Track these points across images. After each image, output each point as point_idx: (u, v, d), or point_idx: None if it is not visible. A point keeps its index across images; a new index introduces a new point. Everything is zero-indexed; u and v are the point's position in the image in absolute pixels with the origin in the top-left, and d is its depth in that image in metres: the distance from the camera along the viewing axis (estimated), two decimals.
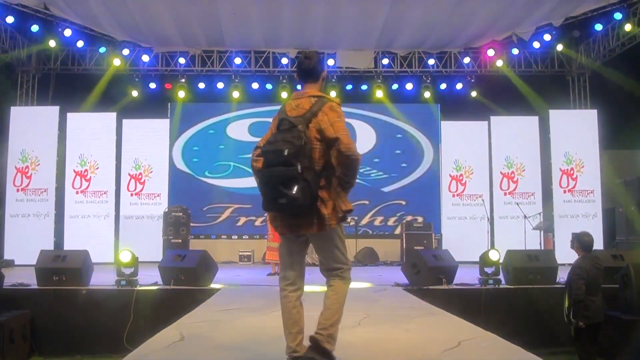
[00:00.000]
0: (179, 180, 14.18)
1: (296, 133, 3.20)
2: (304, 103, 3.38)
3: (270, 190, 3.18)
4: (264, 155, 3.25)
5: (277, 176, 3.13)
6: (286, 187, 3.09)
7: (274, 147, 3.21)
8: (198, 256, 8.14)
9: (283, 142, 3.18)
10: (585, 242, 6.42)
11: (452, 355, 3.98)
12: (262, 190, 3.23)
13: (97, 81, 13.79)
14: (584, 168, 13.29)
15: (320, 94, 3.44)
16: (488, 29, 13.01)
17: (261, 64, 14.33)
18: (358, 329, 4.94)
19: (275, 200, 3.17)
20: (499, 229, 13.14)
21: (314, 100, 3.37)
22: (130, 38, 13.50)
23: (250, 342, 4.47)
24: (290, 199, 3.10)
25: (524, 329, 6.94)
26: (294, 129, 3.24)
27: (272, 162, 3.18)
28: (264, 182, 3.22)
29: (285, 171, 3.11)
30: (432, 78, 14.29)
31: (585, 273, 6.25)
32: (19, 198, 12.95)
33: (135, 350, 4.14)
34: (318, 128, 3.27)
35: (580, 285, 6.26)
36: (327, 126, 3.25)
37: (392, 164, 14.47)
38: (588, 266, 6.29)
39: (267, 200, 3.22)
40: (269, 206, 3.25)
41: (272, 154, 3.21)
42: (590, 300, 6.23)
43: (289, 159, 3.11)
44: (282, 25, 12.84)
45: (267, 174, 3.20)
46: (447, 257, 8.51)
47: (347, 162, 3.25)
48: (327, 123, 3.26)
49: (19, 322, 7.17)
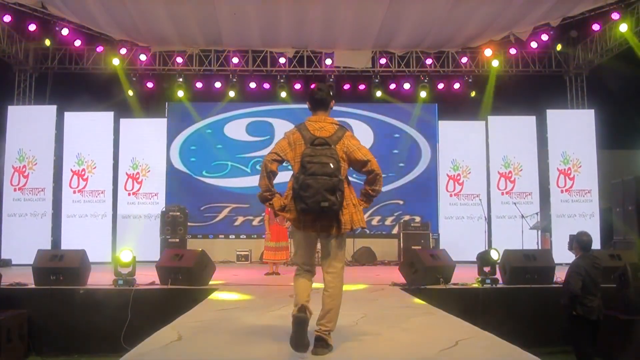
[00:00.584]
0: (177, 180, 14.18)
1: (335, 152, 3.85)
2: (328, 127, 4.00)
3: (314, 194, 3.71)
4: (308, 165, 3.77)
5: (323, 184, 3.71)
6: (331, 193, 3.71)
7: (319, 160, 3.77)
8: (195, 256, 8.11)
9: (327, 157, 3.78)
10: (584, 241, 6.45)
11: (449, 355, 3.97)
12: (305, 194, 3.73)
13: (95, 80, 13.79)
14: (581, 168, 13.33)
15: (338, 122, 4.07)
16: (485, 29, 13.02)
17: (259, 64, 14.31)
18: (355, 329, 4.93)
19: (319, 203, 3.72)
20: (496, 229, 13.15)
21: (336, 127, 4.01)
22: (127, 37, 13.46)
23: (247, 341, 4.46)
24: (332, 203, 3.73)
25: (522, 328, 6.88)
26: (330, 147, 3.86)
27: (317, 172, 3.74)
28: (307, 185, 3.73)
29: (329, 180, 3.72)
30: (429, 78, 14.28)
31: (583, 271, 6.28)
32: (16, 197, 12.92)
33: (133, 349, 4.12)
34: (345, 151, 3.94)
35: (577, 281, 6.29)
36: (355, 150, 3.95)
37: (389, 164, 14.44)
38: (587, 265, 6.32)
39: (310, 202, 3.73)
40: (313, 207, 3.74)
41: (318, 165, 3.76)
42: (589, 299, 6.25)
43: (333, 171, 3.74)
44: (280, 25, 12.83)
45: (312, 181, 3.73)
46: (445, 256, 8.49)
47: (377, 179, 4.02)
48: (354, 147, 3.96)
49: (16, 322, 7.13)
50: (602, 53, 13.40)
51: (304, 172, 3.78)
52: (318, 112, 4.11)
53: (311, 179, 3.73)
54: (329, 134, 3.95)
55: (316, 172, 3.74)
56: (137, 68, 14.05)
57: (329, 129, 3.98)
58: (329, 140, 3.90)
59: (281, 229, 10.45)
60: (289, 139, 4.06)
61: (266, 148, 14.25)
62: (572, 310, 6.35)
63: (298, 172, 3.84)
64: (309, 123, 4.05)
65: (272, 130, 14.50)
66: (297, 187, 3.78)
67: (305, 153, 3.85)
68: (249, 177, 14.31)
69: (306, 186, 3.73)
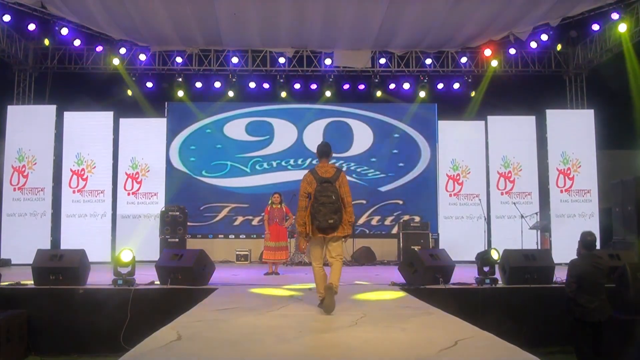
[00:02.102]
0: (176, 180, 14.16)
1: (335, 188, 5.86)
2: (330, 170, 6.01)
3: (324, 215, 5.77)
4: (320, 198, 5.80)
5: (330, 209, 5.78)
6: (334, 214, 5.79)
7: (326, 194, 5.81)
8: (195, 255, 8.08)
9: (330, 192, 5.83)
10: (588, 241, 6.41)
11: (449, 355, 3.97)
12: (318, 215, 5.80)
13: (94, 80, 13.78)
14: (581, 168, 13.32)
15: (336, 166, 6.23)
16: (485, 28, 13.05)
17: (258, 63, 14.31)
18: (355, 329, 4.94)
19: (327, 221, 5.77)
20: (496, 229, 13.18)
21: (335, 170, 6.04)
22: (127, 37, 13.49)
23: (247, 341, 4.46)
24: (336, 220, 5.81)
25: (521, 328, 6.90)
26: (332, 184, 5.87)
27: (325, 202, 5.78)
28: (319, 210, 5.79)
29: (332, 206, 5.79)
30: (429, 78, 14.30)
31: (578, 271, 6.26)
32: (16, 197, 12.91)
33: (132, 349, 4.11)
34: (339, 184, 5.92)
35: (570, 283, 6.29)
36: (344, 186, 5.96)
37: (389, 164, 14.49)
38: (585, 265, 6.28)
39: (322, 220, 5.78)
40: (323, 224, 5.79)
41: (325, 197, 5.80)
42: (587, 300, 6.21)
43: (335, 200, 5.80)
44: (280, 25, 12.85)
45: (322, 207, 5.79)
46: (444, 256, 8.47)
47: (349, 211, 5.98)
48: (344, 184, 5.97)
49: (16, 322, 7.10)
50: (602, 53, 13.40)
51: (317, 202, 5.81)
52: (323, 159, 6.12)
53: (322, 207, 5.78)
54: (330, 175, 5.94)
55: (325, 202, 5.78)
56: (136, 68, 14.05)
57: (331, 172, 5.99)
58: (331, 179, 5.89)
59: (281, 229, 10.43)
60: (306, 180, 6.00)
61: (265, 148, 14.32)
62: (568, 312, 6.34)
63: (314, 202, 5.83)
64: (318, 168, 6.04)
65: (272, 130, 14.50)
66: (313, 212, 5.82)
67: (317, 190, 5.85)
68: (249, 177, 14.32)
69: (318, 211, 5.79)
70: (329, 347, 4.35)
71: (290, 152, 14.44)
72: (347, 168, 14.38)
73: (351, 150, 14.52)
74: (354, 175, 14.43)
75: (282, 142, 14.48)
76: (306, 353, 4.13)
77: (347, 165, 14.41)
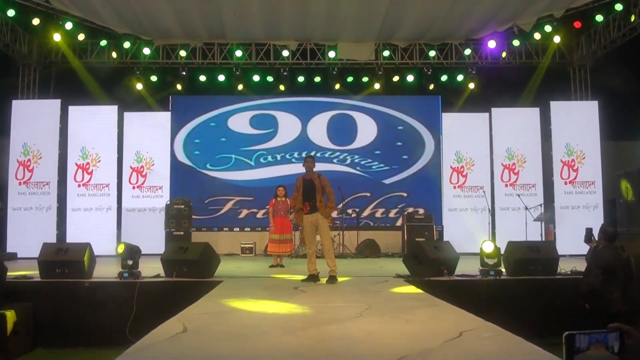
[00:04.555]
0: (181, 173, 14.21)
1: (317, 183, 7.88)
2: (314, 176, 7.99)
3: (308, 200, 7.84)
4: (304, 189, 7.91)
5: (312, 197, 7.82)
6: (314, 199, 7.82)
7: (310, 188, 7.87)
8: (200, 248, 8.14)
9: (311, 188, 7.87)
10: (609, 232, 6.44)
11: (453, 346, 3.96)
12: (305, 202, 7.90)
13: (99, 74, 13.80)
14: (585, 159, 13.28)
15: (317, 173, 8.12)
16: (489, 20, 12.96)
17: (262, 57, 14.28)
18: (359, 320, 4.94)
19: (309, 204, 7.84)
20: (500, 221, 13.16)
21: (317, 175, 8.02)
22: (130, 31, 13.46)
23: (252, 333, 4.48)
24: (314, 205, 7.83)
25: (525, 319, 6.79)
26: (314, 181, 7.89)
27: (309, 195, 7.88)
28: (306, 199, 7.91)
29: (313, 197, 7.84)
30: (433, 70, 14.22)
31: (603, 262, 6.26)
32: (21, 191, 12.96)
33: (138, 342, 4.10)
34: (322, 184, 7.91)
35: (597, 275, 6.27)
36: (326, 184, 7.97)
37: (393, 156, 14.49)
38: (609, 256, 6.29)
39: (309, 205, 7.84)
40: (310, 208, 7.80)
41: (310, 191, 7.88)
42: (609, 292, 6.22)
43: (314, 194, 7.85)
44: (283, 17, 12.80)
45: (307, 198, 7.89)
46: (449, 248, 8.48)
47: (333, 198, 8.08)
48: (326, 183, 7.98)
49: (22, 315, 7.08)
50: (606, 44, 13.31)
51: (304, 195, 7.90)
52: (308, 168, 8.06)
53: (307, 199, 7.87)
54: (313, 178, 7.94)
55: (310, 194, 7.83)
56: (140, 62, 14.05)
57: (314, 176, 7.97)
58: (314, 181, 7.91)
59: (285, 221, 10.45)
60: (298, 182, 8.03)
61: (270, 141, 14.33)
62: (585, 303, 6.31)
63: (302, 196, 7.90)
64: (305, 175, 8.04)
65: (276, 123, 14.50)
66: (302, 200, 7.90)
67: (304, 187, 7.93)
68: (253, 170, 14.34)
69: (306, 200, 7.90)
70: (334, 339, 4.33)
71: (295, 145, 14.45)
72: (351, 161, 14.40)
73: (355, 143, 14.53)
74: (358, 168, 14.44)
75: (286, 135, 14.48)
76: (311, 345, 4.12)
77: (351, 158, 14.42)
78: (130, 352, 3.80)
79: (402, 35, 13.77)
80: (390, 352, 3.76)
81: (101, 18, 12.90)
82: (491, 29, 13.38)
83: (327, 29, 13.35)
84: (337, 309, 5.58)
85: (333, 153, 14.46)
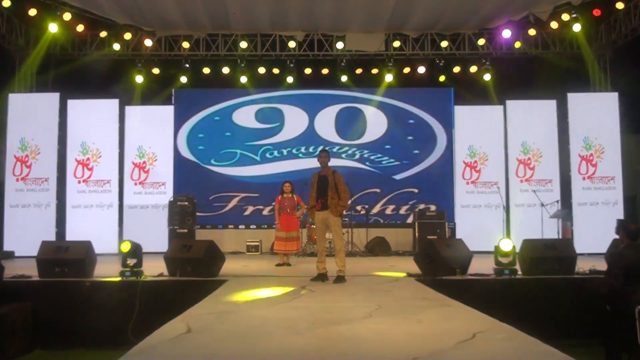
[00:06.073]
0: (184, 169, 13.94)
1: (331, 179, 7.74)
2: (329, 172, 7.83)
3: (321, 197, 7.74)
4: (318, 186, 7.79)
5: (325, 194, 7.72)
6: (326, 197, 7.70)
7: (323, 184, 7.74)
8: (205, 246, 8.05)
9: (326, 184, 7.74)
10: (632, 230, 6.13)
11: (466, 348, 3.91)
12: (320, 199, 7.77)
13: (99, 67, 13.47)
14: (604, 154, 12.94)
15: (332, 169, 7.94)
16: (504, 8, 12.63)
17: (268, 48, 13.93)
18: (370, 320, 4.91)
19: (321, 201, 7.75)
20: (515, 218, 12.82)
21: (332, 171, 7.85)
22: (132, 21, 13.20)
23: (258, 333, 4.44)
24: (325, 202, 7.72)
25: (541, 320, 6.69)
26: (328, 177, 7.77)
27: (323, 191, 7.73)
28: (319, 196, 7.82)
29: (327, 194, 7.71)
30: (445, 61, 13.88)
31: (626, 262, 5.92)
32: (19, 188, 12.72)
33: (141, 342, 4.08)
34: (336, 181, 7.73)
35: (618, 275, 5.95)
36: (340, 180, 7.76)
37: (403, 151, 14.18)
38: (631, 255, 5.96)
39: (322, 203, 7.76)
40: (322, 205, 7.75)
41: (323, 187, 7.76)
42: (632, 290, 5.86)
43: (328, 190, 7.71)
44: (289, 7, 12.51)
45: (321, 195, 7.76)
46: (461, 246, 8.34)
47: (343, 197, 7.75)
48: (340, 180, 7.77)
49: (21, 315, 7.08)
50: (627, 33, 12.86)
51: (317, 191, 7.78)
52: (323, 164, 7.89)
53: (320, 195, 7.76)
54: (328, 174, 7.79)
55: (322, 191, 7.72)
56: (142, 54, 13.72)
57: (329, 172, 7.81)
58: (328, 177, 7.75)
59: (291, 218, 10.18)
60: (314, 178, 7.88)
61: (276, 135, 14.03)
62: (606, 305, 5.97)
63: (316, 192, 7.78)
64: (320, 171, 7.88)
65: (282, 117, 14.17)
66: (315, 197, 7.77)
67: (319, 183, 7.80)
68: (259, 166, 14.02)
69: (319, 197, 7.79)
70: (342, 339, 4.27)
71: (302, 140, 14.14)
72: (360, 155, 14.09)
73: (364, 138, 14.18)
74: (368, 163, 14.09)
75: (293, 129, 14.16)
76: (318, 345, 4.08)
77: (360, 153, 14.09)
78: (132, 353, 3.79)
79: (413, 25, 13.43)
80: (401, 354, 3.78)
81: (101, 8, 12.63)
82: (506, 17, 13.04)
83: (335, 19, 13.03)
84: (346, 309, 5.56)
85: (341, 148, 14.09)
